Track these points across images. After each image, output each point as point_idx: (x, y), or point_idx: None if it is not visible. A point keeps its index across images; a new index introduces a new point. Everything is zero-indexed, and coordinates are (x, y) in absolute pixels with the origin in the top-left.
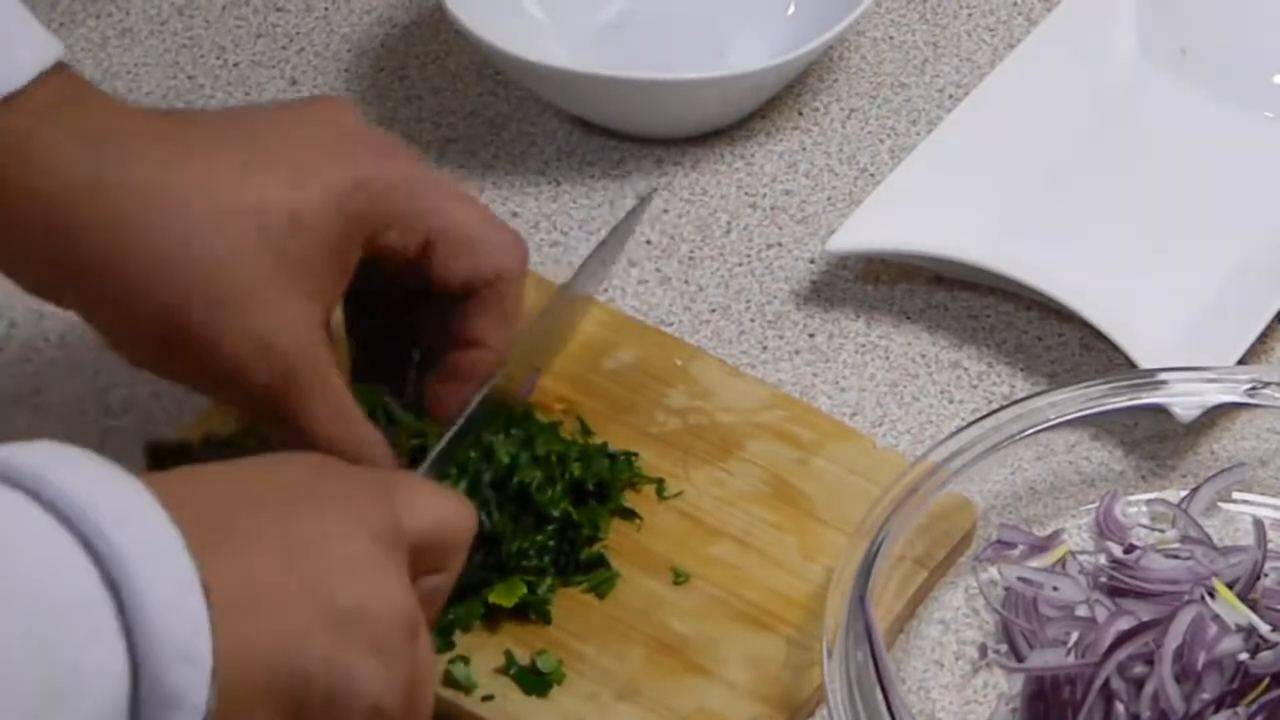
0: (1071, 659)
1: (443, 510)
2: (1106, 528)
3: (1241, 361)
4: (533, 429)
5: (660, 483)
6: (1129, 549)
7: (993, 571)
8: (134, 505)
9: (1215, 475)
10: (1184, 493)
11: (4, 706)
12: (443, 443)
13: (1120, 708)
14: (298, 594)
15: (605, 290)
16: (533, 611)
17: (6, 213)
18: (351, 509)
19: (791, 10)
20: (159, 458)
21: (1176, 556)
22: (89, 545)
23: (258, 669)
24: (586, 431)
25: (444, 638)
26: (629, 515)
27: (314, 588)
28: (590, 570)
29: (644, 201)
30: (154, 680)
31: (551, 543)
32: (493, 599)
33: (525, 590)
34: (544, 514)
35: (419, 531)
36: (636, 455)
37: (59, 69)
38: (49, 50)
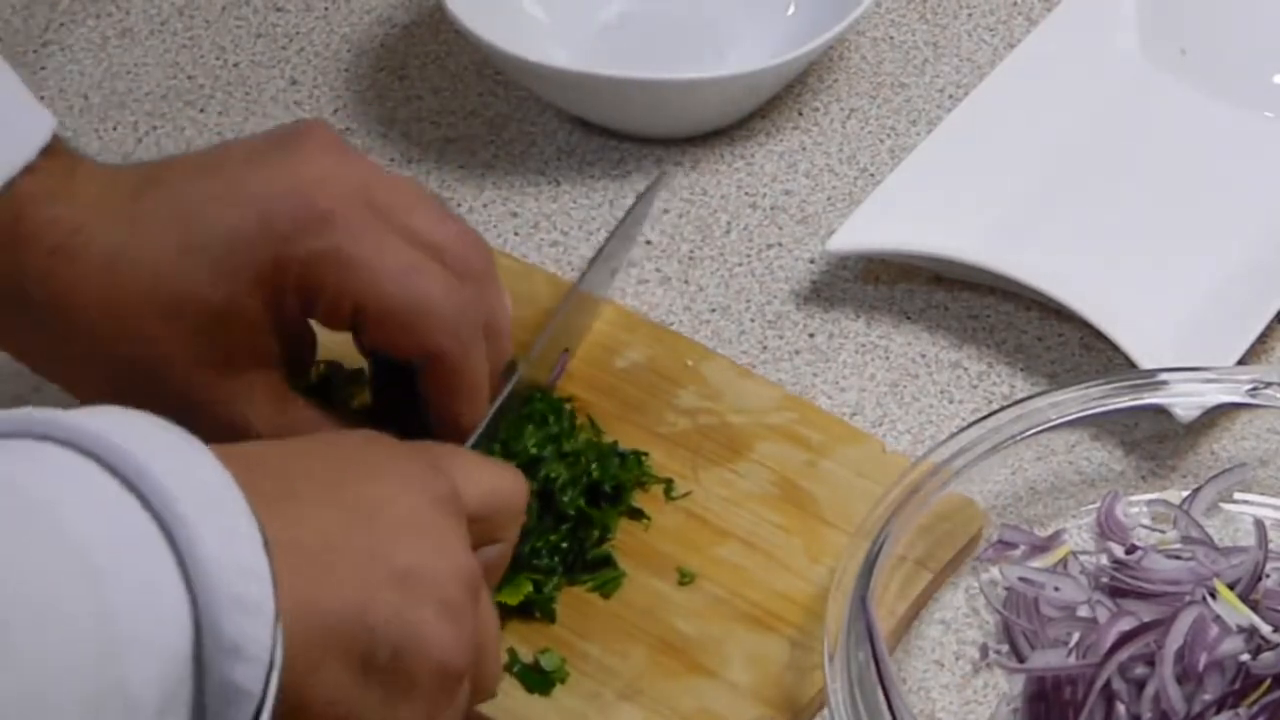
0: (1073, 660)
1: (496, 480)
2: (1108, 528)
3: (1241, 361)
4: (563, 422)
5: (669, 483)
6: (1130, 549)
7: (994, 572)
8: (190, 461)
9: (1216, 476)
10: (1185, 493)
11: (67, 659)
12: (478, 432)
13: (1121, 708)
14: (362, 552)
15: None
16: (538, 610)
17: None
18: (409, 476)
19: (791, 10)
20: None
21: (1178, 557)
22: (145, 501)
23: (324, 624)
24: (596, 430)
25: None
26: (637, 515)
27: (377, 547)
28: (596, 569)
29: (658, 182)
30: (213, 630)
31: (564, 543)
32: (498, 597)
33: (531, 589)
34: (561, 513)
35: (475, 500)
36: (647, 455)
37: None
38: (46, 123)
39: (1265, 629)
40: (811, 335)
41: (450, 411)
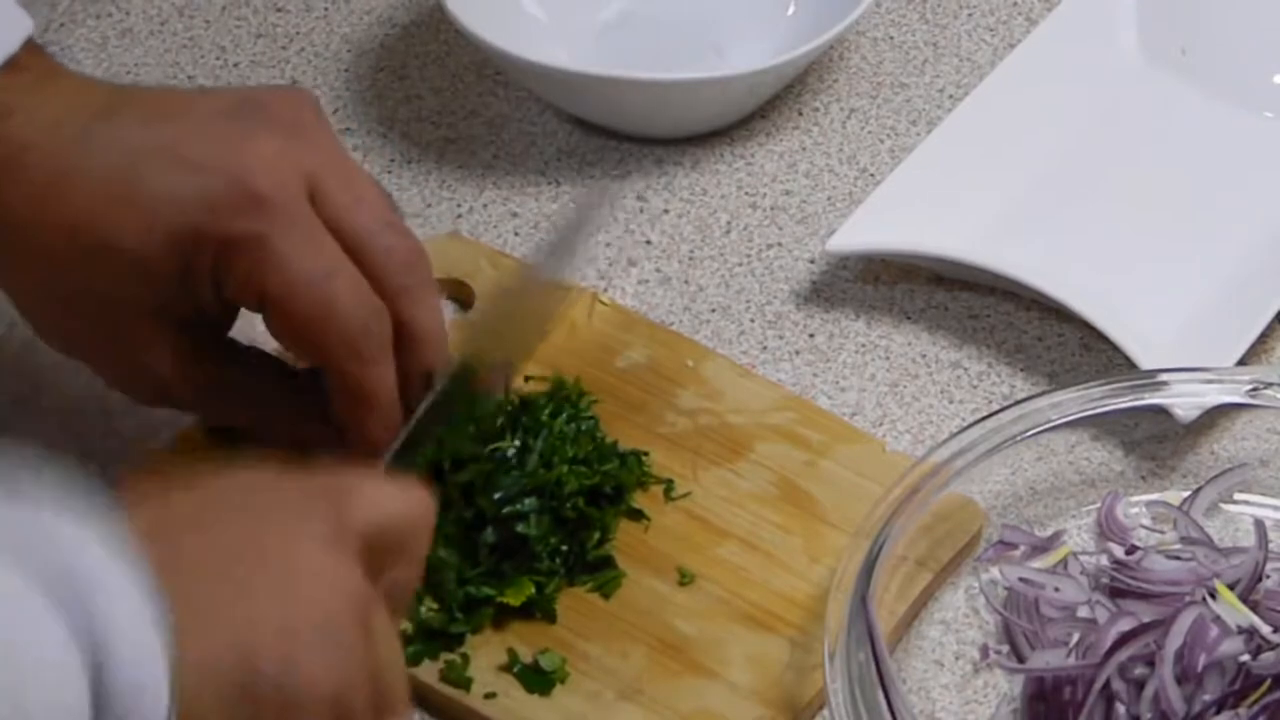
0: (1072, 660)
1: (397, 503)
2: (1108, 529)
3: (1241, 361)
4: (578, 415)
5: (669, 483)
6: (1130, 550)
7: (994, 572)
8: (106, 548)
9: (1216, 476)
10: (1185, 493)
11: None
12: (394, 448)
13: (1121, 709)
14: (243, 606)
15: (606, 289)
16: (538, 610)
17: None
18: (290, 515)
19: (791, 10)
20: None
21: (1178, 558)
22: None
23: (209, 679)
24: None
25: (455, 643)
26: (637, 516)
27: (259, 598)
28: (596, 570)
29: (600, 194)
30: (108, 704)
31: (564, 546)
32: (501, 598)
33: (533, 590)
34: (563, 515)
35: (374, 526)
36: (647, 454)
37: (29, 44)
38: (17, 34)
39: (1265, 629)
40: (811, 335)
41: (352, 423)
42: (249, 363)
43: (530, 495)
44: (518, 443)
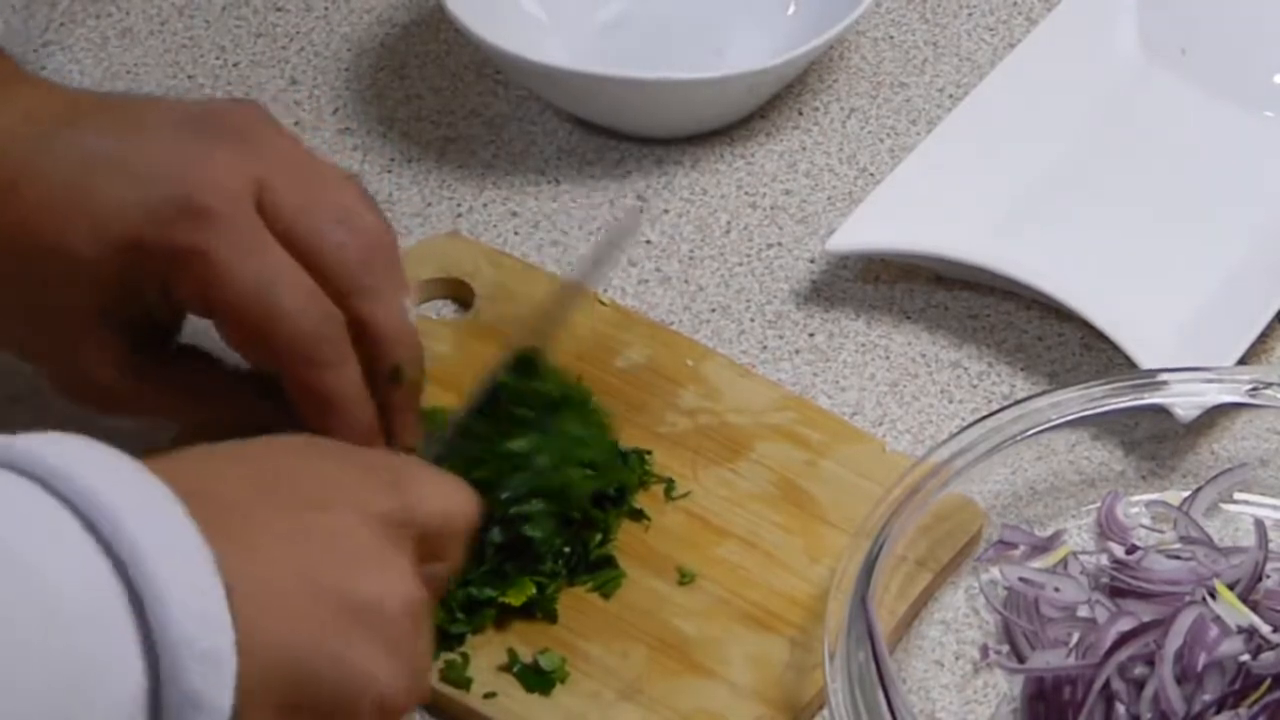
0: (1072, 660)
1: (448, 499)
2: (1108, 528)
3: (1241, 361)
4: (590, 418)
5: (669, 483)
6: (1130, 550)
7: (994, 572)
8: (155, 506)
9: (1216, 476)
10: (1185, 493)
11: (20, 705)
12: (448, 434)
13: (1121, 709)
14: (306, 590)
15: (606, 289)
16: (539, 610)
17: None
18: (360, 497)
19: (791, 10)
20: None
21: (1178, 557)
22: (108, 545)
23: (264, 665)
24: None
25: (455, 643)
26: (638, 515)
27: (322, 583)
28: (597, 570)
29: (637, 209)
30: (174, 680)
31: (567, 548)
32: (502, 599)
33: (534, 590)
34: (568, 516)
35: (426, 518)
36: (650, 453)
37: None
38: None
39: (1265, 629)
40: (811, 335)
41: (317, 427)
42: (198, 367)
43: (538, 497)
44: (525, 443)
